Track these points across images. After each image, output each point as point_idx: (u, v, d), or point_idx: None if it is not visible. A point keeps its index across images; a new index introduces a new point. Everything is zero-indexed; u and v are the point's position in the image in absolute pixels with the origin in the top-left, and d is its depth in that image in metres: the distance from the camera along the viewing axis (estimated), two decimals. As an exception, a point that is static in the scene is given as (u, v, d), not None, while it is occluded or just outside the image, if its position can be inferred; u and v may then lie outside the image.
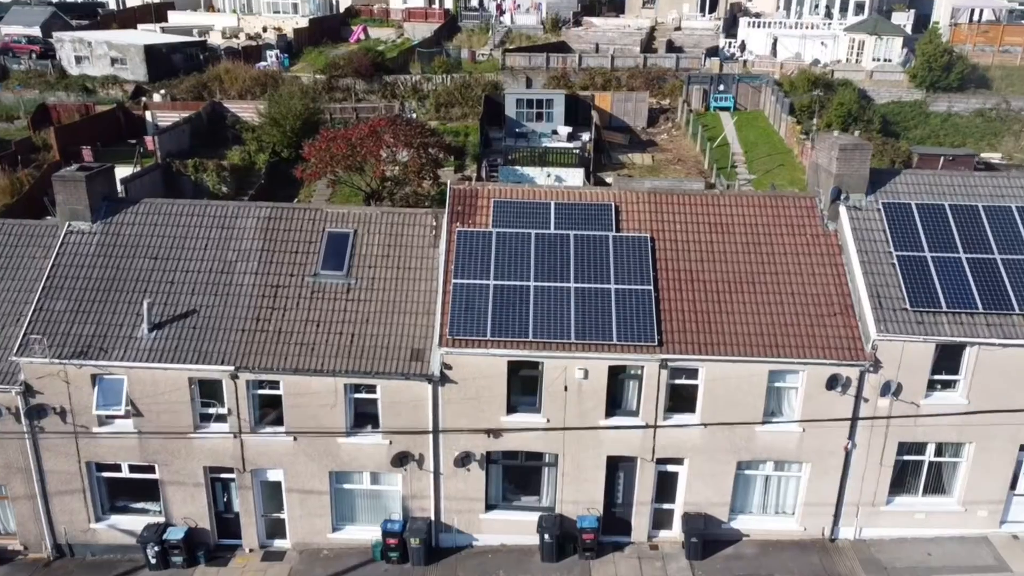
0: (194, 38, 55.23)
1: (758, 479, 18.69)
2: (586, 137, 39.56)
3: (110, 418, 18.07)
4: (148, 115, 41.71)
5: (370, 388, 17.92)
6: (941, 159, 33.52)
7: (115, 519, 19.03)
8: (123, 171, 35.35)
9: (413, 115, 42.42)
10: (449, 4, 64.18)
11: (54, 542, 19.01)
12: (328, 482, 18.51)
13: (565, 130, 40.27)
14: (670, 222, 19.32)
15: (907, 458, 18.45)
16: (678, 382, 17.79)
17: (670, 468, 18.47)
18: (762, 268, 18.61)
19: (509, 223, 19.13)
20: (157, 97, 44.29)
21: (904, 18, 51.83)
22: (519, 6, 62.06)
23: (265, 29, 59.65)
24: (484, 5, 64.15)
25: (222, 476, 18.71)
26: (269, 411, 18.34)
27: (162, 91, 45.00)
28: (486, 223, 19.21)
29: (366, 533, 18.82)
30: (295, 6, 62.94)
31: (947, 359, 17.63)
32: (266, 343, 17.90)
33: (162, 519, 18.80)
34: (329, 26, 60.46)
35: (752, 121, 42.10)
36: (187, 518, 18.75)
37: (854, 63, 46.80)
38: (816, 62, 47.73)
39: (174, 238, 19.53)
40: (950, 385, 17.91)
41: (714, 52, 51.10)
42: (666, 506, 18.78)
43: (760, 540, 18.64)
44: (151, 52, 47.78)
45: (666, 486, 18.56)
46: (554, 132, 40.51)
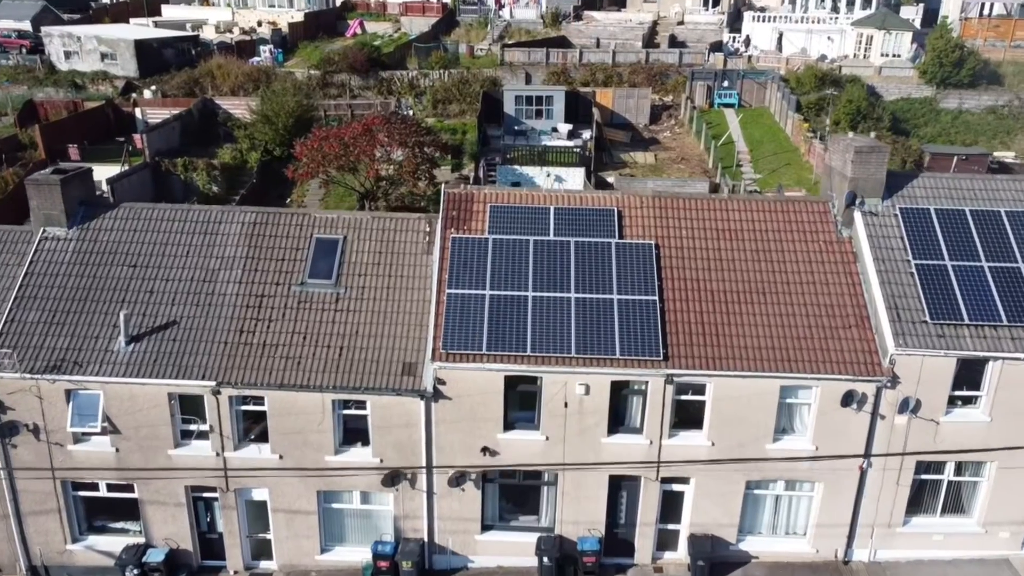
0: (186, 33, 54.12)
1: (768, 499, 17.82)
2: (587, 135, 38.54)
3: (86, 435, 17.21)
4: (138, 112, 40.65)
5: (360, 404, 17.03)
6: (954, 159, 32.45)
7: (93, 540, 18.18)
8: (111, 170, 34.45)
9: (410, 112, 41.39)
10: (447, -3, 63.05)
11: (29, 564, 18.15)
12: (316, 501, 17.65)
13: (565, 128, 39.23)
14: (675, 228, 18.39)
15: (925, 477, 17.56)
16: (684, 398, 16.90)
17: (676, 487, 17.60)
18: (773, 277, 17.69)
19: (506, 229, 18.18)
20: (147, 93, 43.23)
21: (913, 12, 50.69)
22: (518, 0, 60.95)
23: (260, 23, 58.53)
24: (483, -1, 63.01)
25: (205, 495, 17.84)
26: (254, 427, 17.46)
27: (153, 87, 43.94)
28: (482, 229, 18.26)
29: (356, 554, 17.96)
30: (291, 0, 61.82)
31: (968, 374, 16.72)
32: (250, 357, 16.99)
33: (142, 540, 17.95)
34: (325, 20, 59.34)
35: (757, 118, 41.07)
36: (168, 539, 17.89)
37: (862, 59, 45.70)
38: (823, 57, 46.64)
39: (154, 244, 18.60)
40: (971, 401, 17.01)
41: (718, 47, 50.03)
42: (671, 527, 17.92)
43: (770, 562, 17.79)
44: (141, 47, 46.68)
45: (671, 506, 17.69)
46: (554, 130, 39.48)
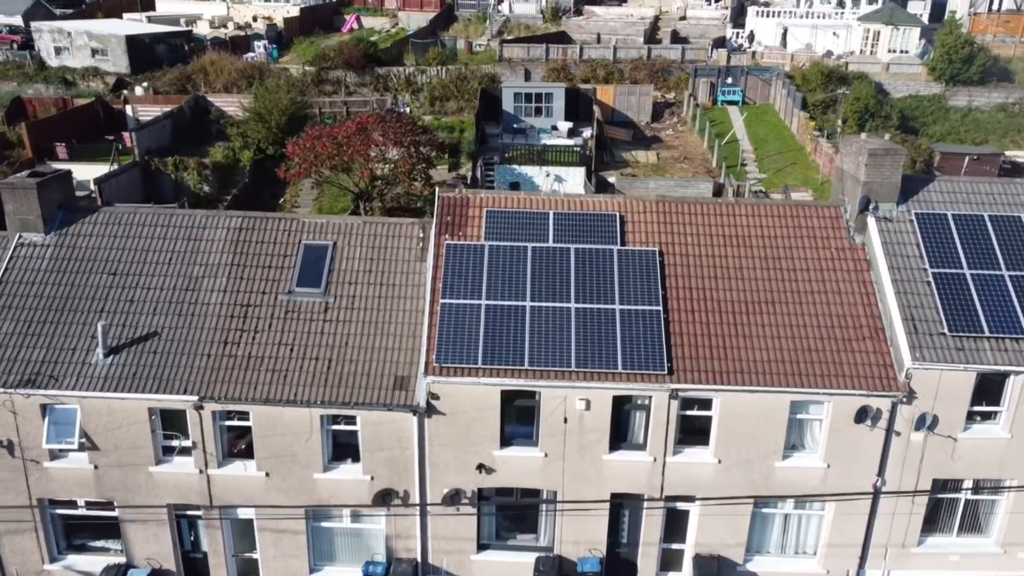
0: (179, 28, 53.17)
1: (777, 518, 17.04)
2: (587, 133, 37.66)
3: (63, 452, 16.44)
4: (128, 109, 39.81)
5: (349, 419, 16.25)
6: (966, 159, 31.53)
7: (72, 559, 17.41)
8: (100, 169, 33.67)
9: (406, 109, 40.54)
10: (446, -8, 62.04)
11: (5, 584, 17.43)
12: (304, 520, 16.88)
13: (565, 125, 38.34)
14: (680, 234, 17.58)
15: (941, 496, 16.78)
16: (690, 413, 16.11)
17: (680, 506, 16.82)
18: (782, 286, 16.88)
19: (503, 235, 17.37)
20: (139, 90, 42.35)
21: (921, 7, 49.67)
22: (518, -6, 59.94)
23: (255, 18, 57.56)
24: (482, -7, 62.00)
25: (188, 513, 17.07)
26: (239, 442, 16.69)
27: (144, 84, 43.05)
28: (478, 235, 17.45)
29: (346, 575, 17.19)
30: (286, -6, 60.86)
31: (988, 389, 15.94)
32: (234, 370, 16.20)
33: (123, 559, 17.18)
34: (321, 15, 58.36)
35: (762, 116, 40.19)
36: (150, 558, 17.12)
37: (868, 55, 44.75)
38: (828, 54, 45.70)
39: (135, 251, 17.80)
40: (990, 417, 16.23)
41: (721, 43, 49.07)
42: (675, 546, 17.15)
43: (778, 584, 17.03)
44: (133, 43, 45.75)
45: (676, 525, 16.93)
46: (554, 128, 38.59)
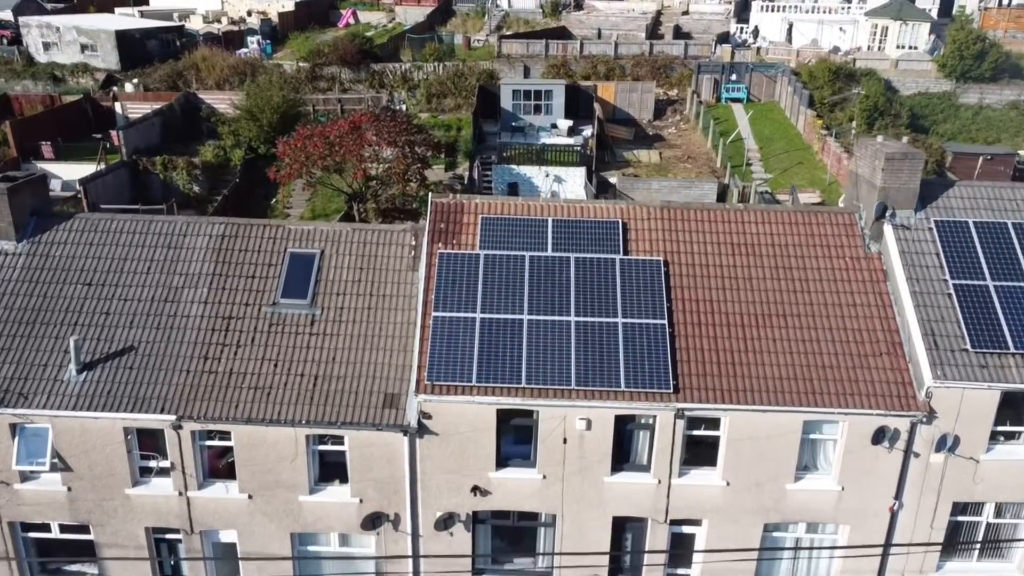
0: (173, 23, 52.14)
1: (787, 542, 16.19)
2: (588, 132, 36.70)
3: (34, 473, 15.58)
4: (118, 107, 38.85)
5: (337, 439, 15.39)
6: (980, 159, 30.52)
7: (46, 584, 16.60)
8: (87, 169, 32.79)
9: (403, 106, 39.61)
10: (444, -14, 60.95)
11: (-24, 611, 16.58)
12: (290, 545, 16.04)
13: (565, 124, 37.38)
14: (686, 242, 16.68)
15: (961, 519, 15.93)
16: (696, 433, 15.25)
17: (686, 529, 15.97)
18: (794, 298, 15.99)
19: (499, 244, 16.47)
20: (129, 87, 41.38)
21: (930, 1, 48.56)
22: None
23: (250, 13, 56.54)
24: (480, -13, 60.90)
25: (168, 536, 16.22)
26: (220, 460, 15.82)
27: (134, 80, 42.08)
28: (472, 244, 16.55)
29: (335, 601, 16.36)
30: (281, -12, 59.78)
31: (1012, 407, 15.07)
32: (215, 387, 15.32)
33: (100, 585, 16.36)
34: (317, 10, 57.37)
35: (767, 114, 39.22)
36: (128, 584, 16.29)
37: (876, 51, 43.72)
38: (835, 50, 44.66)
39: (112, 259, 16.90)
40: (1014, 437, 15.37)
41: (725, 38, 48.08)
42: (680, 572, 16.32)
43: (789, 611, 16.19)
44: (123, 38, 44.77)
45: (681, 550, 16.06)
46: (553, 126, 37.63)
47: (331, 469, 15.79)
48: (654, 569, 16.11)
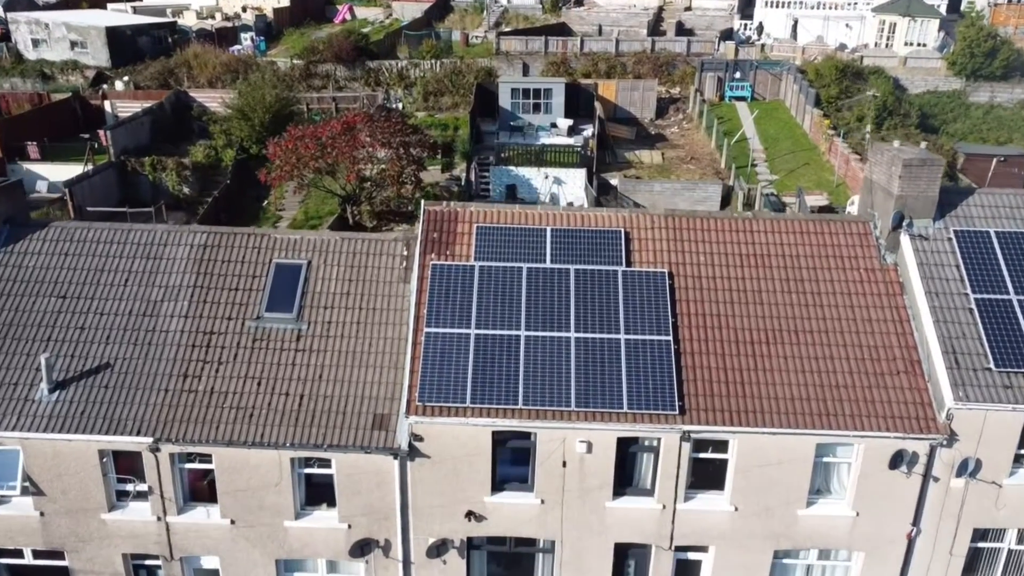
0: (165, 19, 51.20)
1: (798, 569, 15.41)
2: (588, 131, 35.82)
3: (5, 497, 14.79)
4: (107, 105, 37.95)
5: (324, 462, 14.58)
6: (993, 160, 29.62)
7: (20, 612, 15.81)
8: (74, 170, 31.94)
9: (399, 105, 38.73)
10: (442, -18, 59.98)
11: (-54, 640, 15.82)
12: (275, 572, 15.26)
13: (565, 123, 36.50)
14: (692, 253, 15.84)
15: (982, 545, 15.14)
16: (703, 455, 14.44)
17: (691, 556, 15.19)
18: (806, 312, 15.17)
19: (495, 255, 15.64)
20: (119, 85, 40.47)
21: (938, -3, 47.64)
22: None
23: (244, 9, 55.60)
24: (479, -17, 59.93)
25: (147, 563, 15.45)
26: (201, 483, 15.03)
27: (125, 78, 41.17)
28: (467, 254, 15.72)
29: (323, 630, 15.60)
30: (277, -16, 58.82)
31: (1037, 429, 14.26)
32: (194, 407, 14.51)
33: (76, 613, 15.58)
34: (313, 5, 56.50)
35: (772, 113, 38.35)
36: (106, 612, 15.51)
37: (884, 48, 42.77)
38: (842, 47, 43.71)
39: (88, 271, 16.06)
40: (1038, 460, 14.56)
41: (728, 35, 47.19)
42: (686, 600, 15.54)
43: (800, 641, 15.42)
44: (114, 35, 43.84)
45: (686, 577, 15.31)
46: (553, 125, 36.74)
47: (318, 493, 14.99)
48: (658, 597, 15.35)
